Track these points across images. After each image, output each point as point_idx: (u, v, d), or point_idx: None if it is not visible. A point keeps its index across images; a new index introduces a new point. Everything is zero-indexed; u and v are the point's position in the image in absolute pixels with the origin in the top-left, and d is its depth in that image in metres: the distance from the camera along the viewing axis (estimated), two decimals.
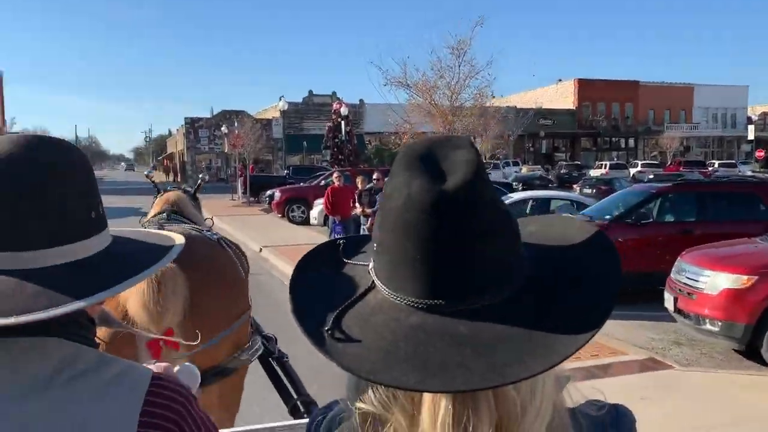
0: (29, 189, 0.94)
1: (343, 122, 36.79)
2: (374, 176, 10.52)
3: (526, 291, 0.85)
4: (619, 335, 7.25)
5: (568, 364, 0.81)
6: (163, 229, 2.18)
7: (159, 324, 2.20)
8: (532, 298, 0.84)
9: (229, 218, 21.50)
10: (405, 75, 9.83)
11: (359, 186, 10.94)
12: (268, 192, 23.82)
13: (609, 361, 6.59)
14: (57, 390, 0.91)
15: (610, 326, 6.91)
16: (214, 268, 2.55)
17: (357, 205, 11.17)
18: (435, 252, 0.81)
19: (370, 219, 10.17)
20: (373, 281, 0.89)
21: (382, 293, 0.87)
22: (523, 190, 16.79)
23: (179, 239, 1.14)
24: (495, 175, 38.02)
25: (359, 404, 0.84)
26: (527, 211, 12.80)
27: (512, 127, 9.76)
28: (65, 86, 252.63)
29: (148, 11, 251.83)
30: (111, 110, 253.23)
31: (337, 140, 38.92)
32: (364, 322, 0.85)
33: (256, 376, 2.95)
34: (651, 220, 9.52)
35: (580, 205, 12.74)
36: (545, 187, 18.16)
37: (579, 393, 0.88)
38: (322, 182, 20.67)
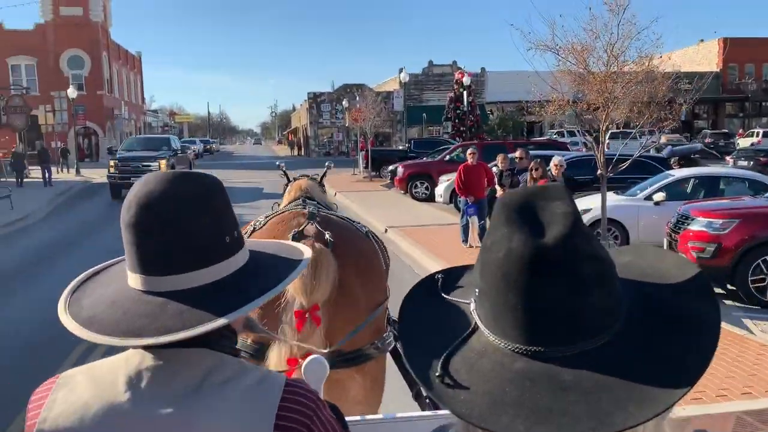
0: (173, 221, 1.06)
1: (465, 92, 35.50)
2: (516, 154, 9.37)
3: (626, 335, 0.87)
4: None
5: None
6: (316, 209, 2.73)
7: (308, 296, 2.31)
8: (633, 343, 0.86)
9: (352, 194, 21.10)
10: (553, 37, 8.47)
11: (500, 165, 9.84)
12: (390, 167, 23.19)
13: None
14: (206, 395, 1.03)
15: None
16: (362, 256, 2.70)
17: (497, 186, 10.07)
18: (536, 303, 0.85)
19: None
20: (476, 323, 0.93)
21: (485, 337, 0.91)
22: (681, 166, 14.82)
23: (307, 252, 1.22)
24: (632, 147, 35.57)
25: None
26: (688, 192, 11.12)
27: (684, 93, 8.39)
28: (197, 65, 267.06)
29: None
30: (239, 87, 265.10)
31: (458, 111, 37.74)
32: (470, 367, 0.89)
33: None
34: None
35: (754, 184, 10.88)
36: (708, 162, 15.97)
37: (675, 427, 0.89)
38: (447, 157, 19.65)
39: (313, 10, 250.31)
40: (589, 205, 10.90)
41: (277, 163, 4.74)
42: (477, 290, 0.93)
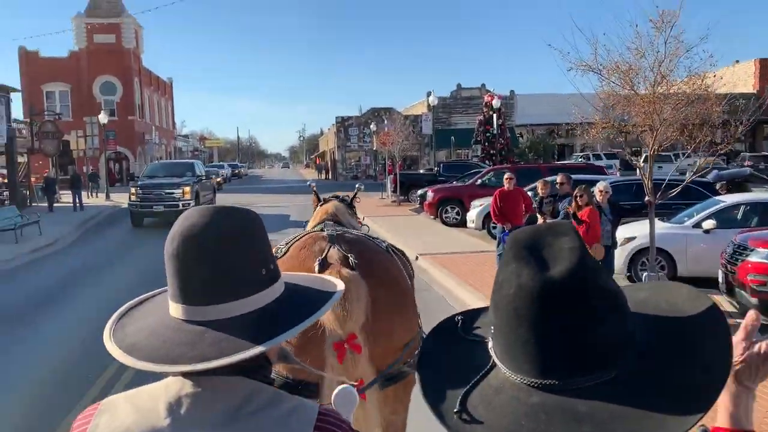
0: (213, 253, 1.10)
1: (494, 115, 35.04)
2: (558, 179, 8.84)
3: (638, 366, 0.89)
4: None
5: None
6: (334, 230, 2.76)
7: (344, 326, 2.32)
8: (645, 373, 0.88)
9: (381, 219, 20.69)
10: (596, 57, 7.99)
11: (540, 191, 9.32)
12: (420, 191, 22.73)
13: None
14: (243, 421, 1.06)
15: None
16: (388, 275, 2.68)
17: (537, 214, 9.55)
18: (546, 336, 0.88)
19: None
20: (493, 360, 0.97)
21: (502, 373, 0.94)
22: (728, 191, 14.09)
23: (340, 285, 1.24)
24: (667, 169, 34.61)
25: None
26: (739, 219, 10.45)
27: (741, 115, 7.78)
28: (228, 91, 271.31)
29: (300, 18, 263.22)
30: (268, 111, 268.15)
31: (488, 134, 37.25)
32: (488, 403, 0.92)
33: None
34: None
35: None
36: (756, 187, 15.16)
37: None
38: (478, 181, 19.15)
39: (342, 36, 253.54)
40: (633, 233, 10.30)
41: (308, 183, 4.65)
42: (492, 327, 0.96)
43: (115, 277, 12.30)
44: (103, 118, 33.25)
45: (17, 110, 32.19)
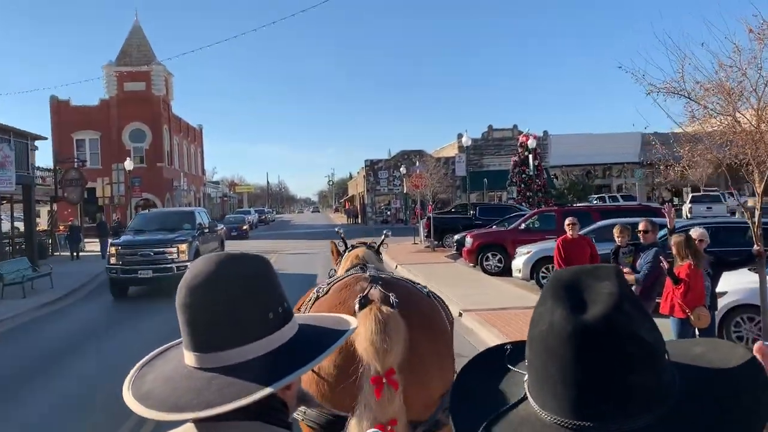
0: (217, 301, 1.12)
1: (530, 155, 33.56)
2: (640, 227, 7.24)
3: (671, 416, 0.88)
4: None
5: None
6: (377, 273, 2.87)
7: (383, 361, 2.31)
8: (677, 425, 0.88)
9: (415, 267, 19.12)
10: (683, 76, 6.47)
11: (617, 239, 7.73)
12: (457, 237, 21.16)
13: None
14: None
15: None
16: (426, 316, 2.71)
17: (618, 264, 7.94)
18: (574, 377, 0.88)
19: (635, 287, 6.82)
20: (525, 393, 0.98)
21: (531, 407, 0.95)
22: None
23: (353, 322, 1.26)
24: (717, 210, 32.53)
25: None
26: None
27: None
28: (258, 137, 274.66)
29: (326, 67, 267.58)
30: (297, 157, 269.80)
31: (524, 175, 35.71)
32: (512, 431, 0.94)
33: None
34: None
35: None
36: None
37: None
38: (522, 225, 17.51)
39: (369, 81, 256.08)
40: (724, 287, 8.60)
41: (336, 229, 4.51)
42: (526, 361, 0.97)
43: (120, 337, 10.93)
44: (128, 165, 32.61)
45: (47, 158, 31.59)
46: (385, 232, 4.28)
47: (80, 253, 27.70)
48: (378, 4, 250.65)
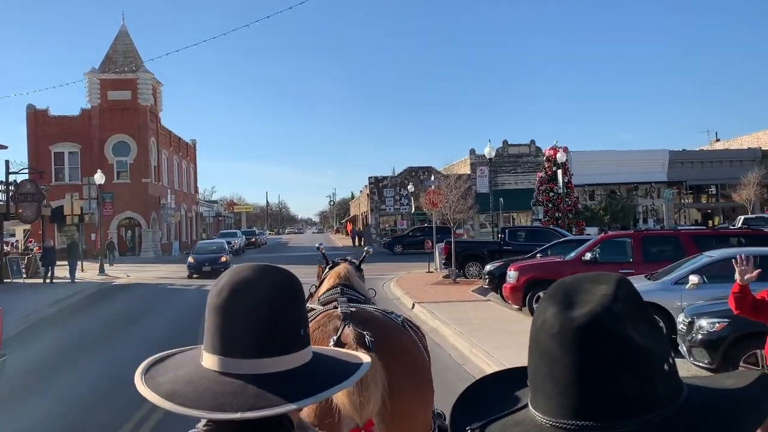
0: (263, 306, 1.11)
1: (560, 171, 29.34)
2: None
3: (661, 425, 0.86)
4: None
5: None
6: (348, 308, 2.69)
7: (361, 412, 2.27)
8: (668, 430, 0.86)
9: (438, 307, 14.70)
10: None
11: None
12: (489, 267, 16.73)
13: None
14: None
15: None
16: (404, 352, 2.64)
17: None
18: (561, 374, 0.88)
19: None
20: (528, 401, 0.98)
21: (530, 411, 0.95)
22: None
23: (366, 359, 1.24)
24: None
25: None
26: None
27: None
28: (258, 157, 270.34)
29: (328, 86, 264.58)
30: (298, 176, 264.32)
31: (552, 193, 31.47)
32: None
33: None
34: None
35: None
36: None
37: None
38: (587, 255, 13.02)
39: (371, 101, 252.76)
40: None
41: (317, 245, 4.56)
42: (527, 365, 0.97)
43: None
44: (99, 177, 28.39)
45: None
46: (366, 248, 4.26)
47: (52, 276, 23.75)
48: (390, 27, 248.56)
